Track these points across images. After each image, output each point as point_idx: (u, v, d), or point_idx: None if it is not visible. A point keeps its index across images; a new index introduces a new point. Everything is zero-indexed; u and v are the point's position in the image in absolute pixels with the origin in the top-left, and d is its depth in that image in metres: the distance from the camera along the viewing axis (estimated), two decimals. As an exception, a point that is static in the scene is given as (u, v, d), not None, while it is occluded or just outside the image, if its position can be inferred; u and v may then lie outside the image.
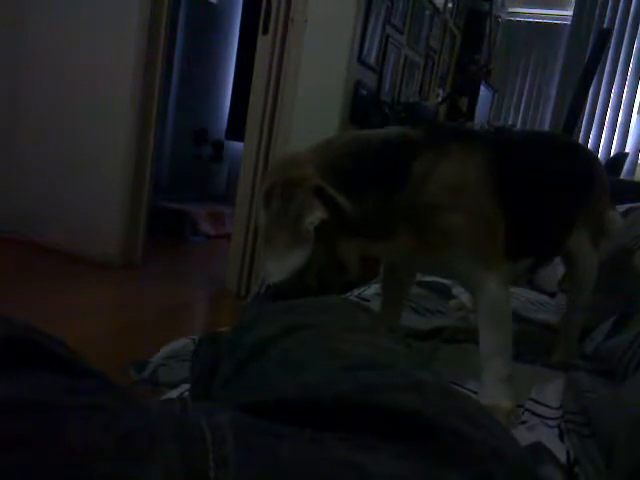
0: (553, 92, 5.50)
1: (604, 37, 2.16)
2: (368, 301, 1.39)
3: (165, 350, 1.82)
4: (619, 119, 5.18)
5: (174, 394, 0.93)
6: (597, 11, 5.13)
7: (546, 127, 5.52)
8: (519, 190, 0.93)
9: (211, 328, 2.27)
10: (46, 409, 0.37)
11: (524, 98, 5.74)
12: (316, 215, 0.76)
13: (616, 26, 5.08)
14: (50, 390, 0.41)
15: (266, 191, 0.81)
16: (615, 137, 5.21)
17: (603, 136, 5.23)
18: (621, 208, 1.76)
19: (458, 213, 0.84)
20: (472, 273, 0.89)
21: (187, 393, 0.91)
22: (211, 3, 5.05)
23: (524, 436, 0.80)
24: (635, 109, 5.14)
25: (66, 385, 0.43)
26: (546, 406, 0.93)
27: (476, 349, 1.14)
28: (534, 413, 0.91)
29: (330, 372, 0.52)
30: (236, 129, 4.53)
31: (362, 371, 0.51)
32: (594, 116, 5.19)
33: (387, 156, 0.85)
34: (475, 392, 0.92)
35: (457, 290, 1.56)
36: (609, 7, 5.11)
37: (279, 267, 0.78)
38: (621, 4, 5.08)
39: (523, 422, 0.88)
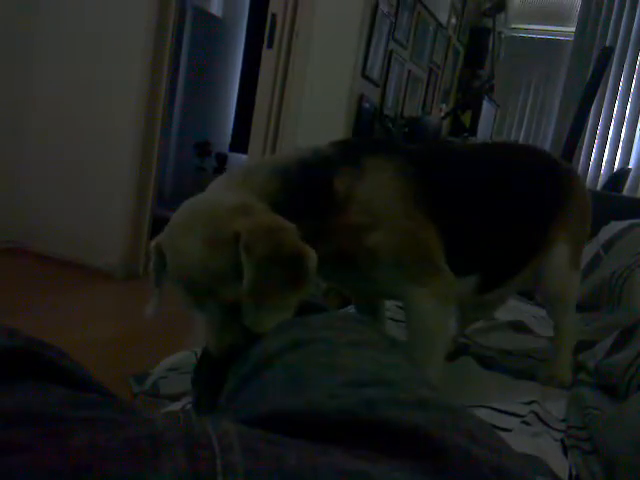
0: (556, 107, 5.51)
1: (606, 55, 2.17)
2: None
3: (166, 362, 1.81)
4: (622, 135, 5.19)
5: (176, 407, 0.93)
6: (599, 27, 5.16)
7: (548, 142, 5.53)
8: (451, 204, 0.89)
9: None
10: (47, 420, 0.37)
11: (527, 113, 5.76)
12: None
13: (619, 42, 5.11)
14: (51, 402, 0.41)
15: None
16: (618, 153, 5.22)
17: (606, 152, 5.24)
18: (623, 224, 1.76)
19: (378, 231, 0.82)
20: (400, 290, 0.86)
21: (189, 406, 0.91)
22: (216, 17, 5.09)
23: (528, 444, 0.80)
24: (639, 125, 5.15)
25: (67, 397, 0.43)
26: (550, 414, 0.93)
27: (471, 363, 1.14)
28: (539, 417, 0.91)
29: (334, 387, 0.52)
30: (240, 141, 4.56)
31: (366, 387, 0.51)
32: (596, 132, 5.20)
33: (308, 181, 0.81)
34: (483, 406, 0.92)
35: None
36: (611, 24, 5.14)
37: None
38: (623, 21, 5.12)
39: (527, 424, 0.88)
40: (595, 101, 3.99)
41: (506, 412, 0.90)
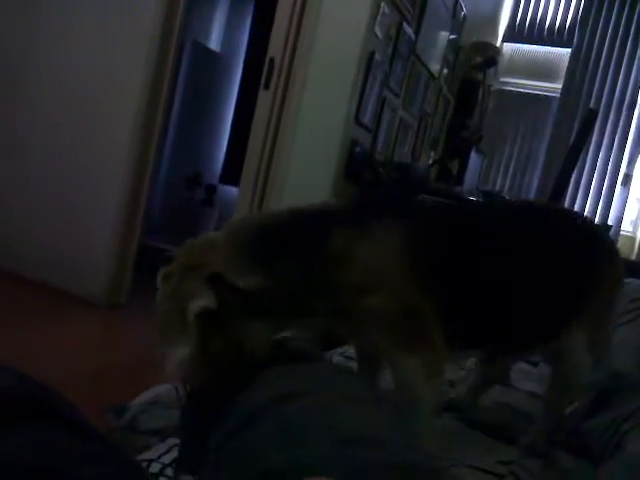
0: (541, 159, 5.65)
1: (590, 117, 2.26)
2: (352, 359, 1.40)
3: (146, 396, 1.79)
4: (603, 191, 5.32)
5: (162, 448, 0.93)
6: (585, 86, 5.35)
7: (533, 192, 5.63)
8: (456, 274, 0.86)
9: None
10: (53, 476, 0.38)
11: (513, 164, 5.88)
12: (198, 304, 0.72)
13: (603, 100, 5.29)
14: (53, 452, 0.42)
15: (165, 273, 0.79)
16: (599, 208, 5.34)
17: (587, 206, 5.36)
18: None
19: (376, 294, 0.79)
20: (391, 356, 0.85)
21: (174, 448, 0.91)
22: (213, 51, 5.18)
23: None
24: (617, 182, 5.29)
25: (69, 446, 0.44)
26: (530, 474, 0.94)
27: (452, 419, 1.14)
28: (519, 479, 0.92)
29: (323, 445, 0.53)
30: (230, 174, 4.61)
31: (354, 447, 0.53)
32: (579, 186, 5.33)
33: (300, 233, 0.80)
34: (474, 467, 0.92)
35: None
36: (597, 83, 5.33)
37: (173, 354, 0.77)
38: (608, 81, 5.30)
39: None
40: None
41: (486, 471, 0.92)
